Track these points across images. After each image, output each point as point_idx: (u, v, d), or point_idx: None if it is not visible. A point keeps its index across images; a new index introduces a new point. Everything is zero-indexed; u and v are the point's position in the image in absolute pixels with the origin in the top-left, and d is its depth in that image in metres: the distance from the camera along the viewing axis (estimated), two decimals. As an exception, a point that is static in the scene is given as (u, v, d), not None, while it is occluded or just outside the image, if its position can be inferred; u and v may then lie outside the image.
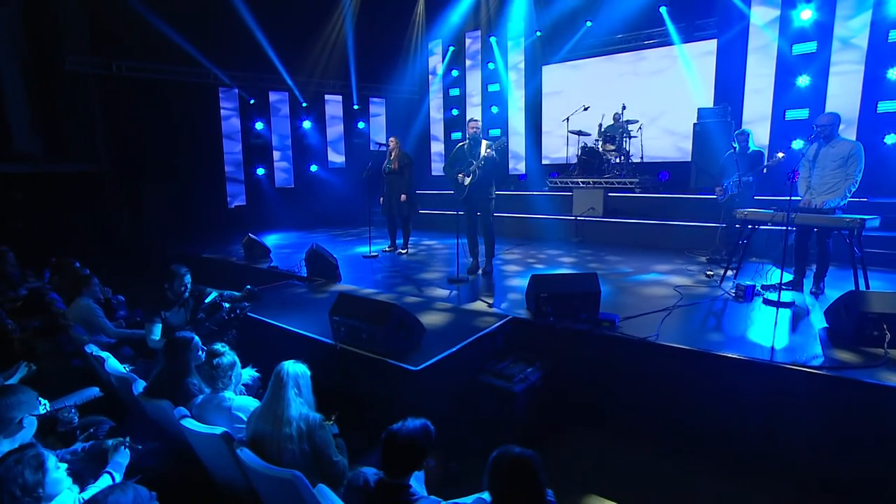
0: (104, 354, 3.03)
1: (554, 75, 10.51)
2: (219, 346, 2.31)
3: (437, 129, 12.24)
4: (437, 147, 12.23)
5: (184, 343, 2.47)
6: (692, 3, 8.40)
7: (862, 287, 3.69)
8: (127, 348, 3.75)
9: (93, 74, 8.60)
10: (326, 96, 11.43)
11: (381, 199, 6.57)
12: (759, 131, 7.63)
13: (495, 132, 11.20)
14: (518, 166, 11.06)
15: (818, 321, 3.43)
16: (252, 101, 10.28)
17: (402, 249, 6.62)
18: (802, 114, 7.49)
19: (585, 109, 8.90)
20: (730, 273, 4.59)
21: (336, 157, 11.79)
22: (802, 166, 4.08)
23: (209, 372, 2.24)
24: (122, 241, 8.75)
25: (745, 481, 2.60)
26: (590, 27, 9.68)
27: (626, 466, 2.77)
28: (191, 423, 2.09)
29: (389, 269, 5.66)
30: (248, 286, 3.67)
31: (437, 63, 11.95)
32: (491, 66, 11.05)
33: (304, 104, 10.94)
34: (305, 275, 5.15)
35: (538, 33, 10.40)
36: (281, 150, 10.96)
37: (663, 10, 8.70)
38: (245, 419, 2.21)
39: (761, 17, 7.68)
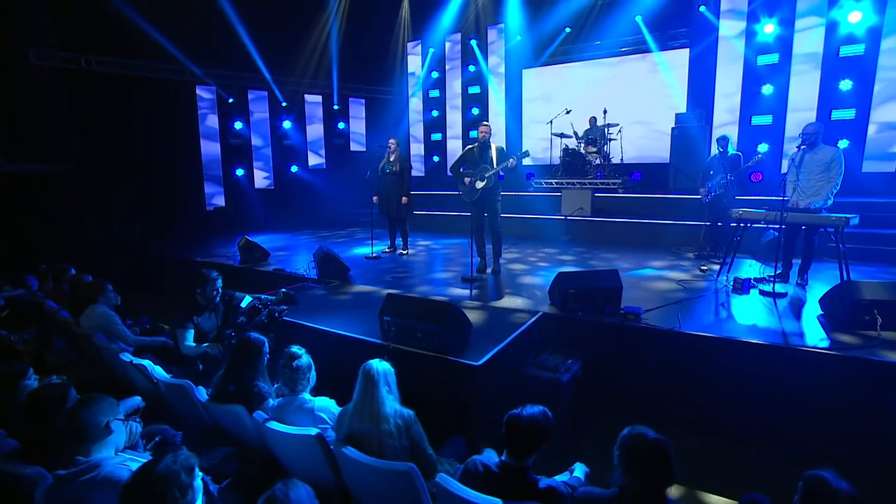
0: (145, 362, 2.96)
1: (534, 79, 10.82)
2: (295, 349, 2.34)
3: (417, 130, 12.30)
4: (417, 148, 12.29)
5: (256, 346, 2.48)
6: (666, 15, 8.89)
7: (846, 278, 4.11)
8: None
9: (60, 69, 8.11)
10: (306, 96, 11.26)
11: (376, 198, 6.58)
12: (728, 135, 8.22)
13: (474, 133, 11.42)
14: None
15: (812, 309, 3.81)
16: (231, 100, 10.00)
17: (403, 250, 6.68)
18: (766, 120, 8.13)
19: (568, 113, 9.27)
20: (716, 266, 5.02)
21: (315, 158, 11.64)
22: (790, 171, 4.49)
23: (290, 374, 2.26)
24: (90, 244, 8.27)
25: (764, 456, 2.89)
26: (569, 33, 10.08)
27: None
28: (277, 426, 2.12)
29: (398, 270, 5.72)
30: (283, 289, 3.65)
31: (417, 65, 12.02)
32: (472, 68, 11.25)
33: (284, 103, 10.75)
34: (315, 277, 5.14)
35: (518, 38, 10.67)
36: (260, 150, 10.71)
37: (639, 18, 9.18)
38: (327, 419, 2.25)
39: (730, 30, 8.25)
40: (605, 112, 8.89)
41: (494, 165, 4.95)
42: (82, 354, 3.81)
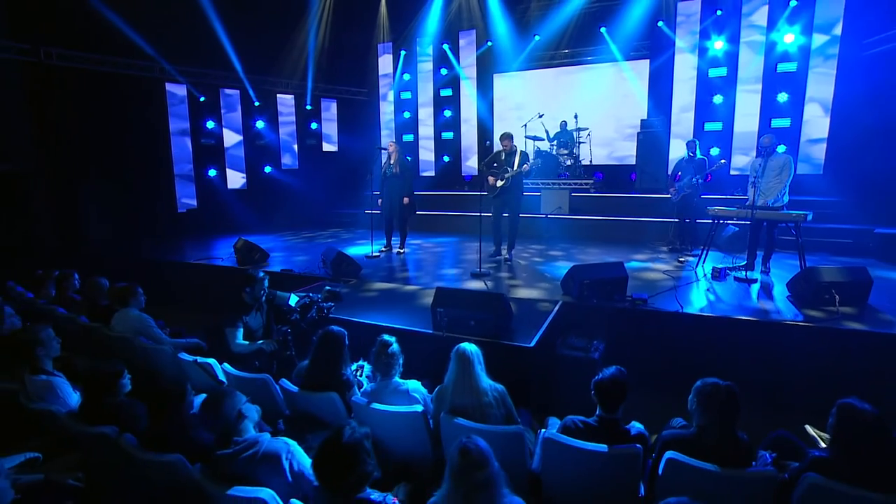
0: (211, 361, 3.07)
1: (505, 84, 11.32)
2: (387, 338, 2.59)
3: (388, 132, 12.43)
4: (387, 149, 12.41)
5: (339, 338, 2.69)
6: (629, 28, 9.65)
7: (802, 267, 4.86)
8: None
9: (15, 61, 7.59)
10: (278, 95, 11.12)
11: (380, 200, 6.78)
12: (679, 140, 9.11)
13: (448, 135, 11.79)
14: (469, 164, 11.66)
15: (781, 291, 4.50)
16: (202, 99, 9.72)
17: (400, 249, 6.91)
18: (717, 126, 9.08)
19: (540, 117, 9.84)
20: (691, 258, 5.71)
21: (288, 159, 11.52)
22: (751, 172, 5.21)
23: (386, 361, 2.51)
24: (47, 248, 7.79)
25: (752, 406, 3.45)
26: (538, 41, 10.64)
27: (668, 412, 3.49)
28: (383, 407, 2.38)
29: (405, 268, 5.97)
30: (328, 287, 3.81)
31: (389, 66, 12.16)
32: (444, 71, 11.58)
33: (257, 103, 10.58)
34: (328, 276, 5.28)
35: (489, 43, 11.13)
36: (233, 151, 10.48)
37: (603, 30, 9.90)
38: (419, 398, 2.53)
39: (685, 44, 9.14)
40: (576, 117, 9.55)
41: (512, 169, 5.35)
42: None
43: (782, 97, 8.48)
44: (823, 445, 2.29)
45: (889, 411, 2.01)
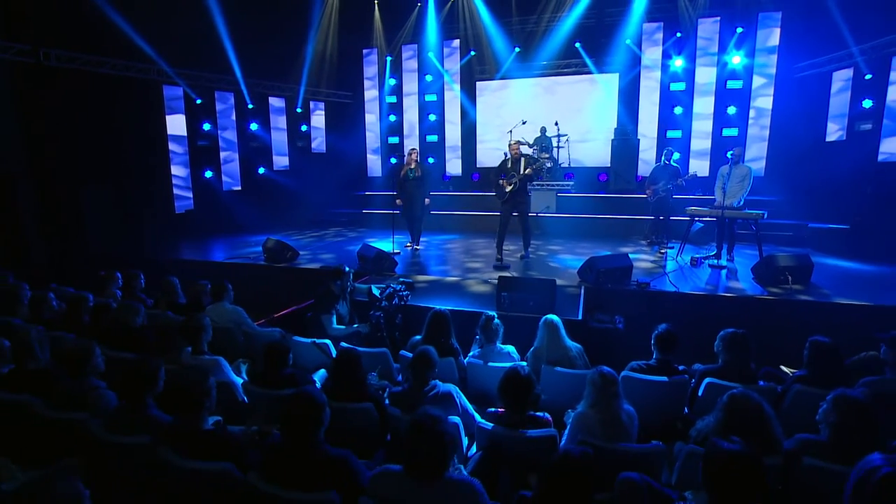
0: (327, 341, 3.73)
1: (488, 92, 12.19)
2: (490, 313, 3.38)
3: (374, 135, 12.96)
4: (374, 151, 12.98)
5: (446, 316, 3.43)
6: (600, 43, 10.80)
7: (760, 255, 6.07)
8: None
9: (14, 62, 7.55)
10: (270, 99, 11.42)
11: (399, 202, 7.41)
12: (646, 146, 10.41)
13: (433, 138, 12.52)
14: (454, 170, 12.45)
15: (746, 274, 5.66)
16: (199, 101, 9.90)
17: (416, 245, 7.63)
18: (677, 133, 10.41)
19: (524, 123, 10.80)
20: (669, 250, 6.88)
21: (280, 160, 11.84)
22: (719, 179, 6.39)
23: (494, 330, 3.30)
24: (34, 253, 7.77)
25: None
26: (518, 52, 11.59)
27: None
28: (496, 364, 3.17)
29: (431, 262, 6.71)
30: (402, 278, 4.50)
31: (374, 71, 12.69)
32: (429, 78, 12.30)
33: (251, 105, 10.84)
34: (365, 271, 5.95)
35: (472, 52, 11.96)
36: (228, 152, 10.71)
37: (578, 45, 10.99)
38: (517, 357, 3.34)
39: (650, 59, 10.39)
40: (556, 124, 10.58)
41: (521, 173, 6.21)
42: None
43: (731, 110, 9.91)
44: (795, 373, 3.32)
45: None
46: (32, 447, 2.45)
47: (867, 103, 7.68)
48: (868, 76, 7.64)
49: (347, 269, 4.28)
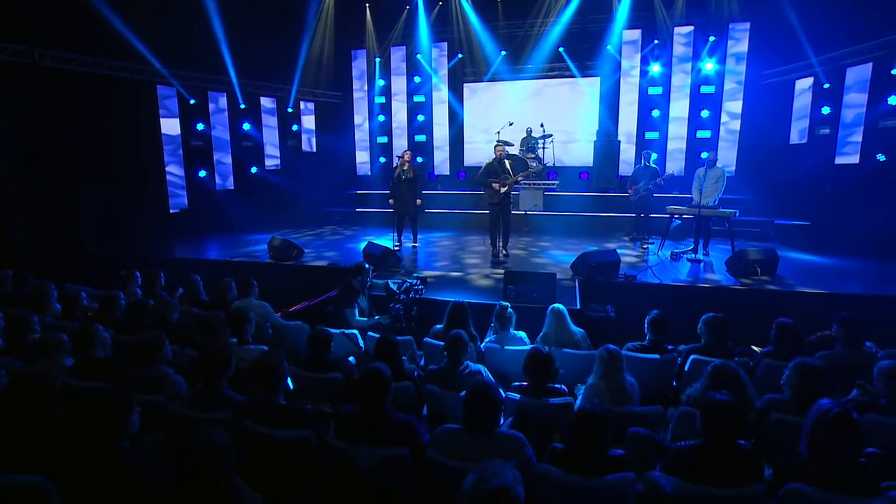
0: (354, 332, 4.10)
1: (475, 93, 12.60)
2: (504, 303, 3.81)
3: (363, 134, 13.23)
4: (363, 150, 13.25)
5: (464, 308, 3.83)
6: (582, 48, 11.34)
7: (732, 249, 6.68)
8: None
9: (5, 62, 7.54)
10: (262, 99, 11.56)
11: (392, 201, 7.77)
12: (626, 146, 11.02)
13: (421, 138, 12.87)
14: (442, 169, 12.85)
15: (721, 267, 6.26)
16: (192, 101, 10.01)
17: (414, 243, 8.01)
18: (655, 135, 11.06)
19: (511, 125, 11.26)
20: (651, 245, 7.46)
21: (271, 160, 12.00)
22: (696, 180, 6.99)
23: (507, 317, 3.73)
24: (26, 254, 7.75)
25: None
26: (505, 56, 12.03)
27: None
28: (511, 347, 3.61)
29: (431, 259, 7.10)
30: (416, 274, 4.88)
31: (363, 71, 12.95)
32: (417, 79, 12.63)
33: (243, 105, 10.97)
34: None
35: (461, 55, 12.35)
36: (222, 152, 10.84)
37: (562, 49, 11.50)
38: (528, 342, 3.79)
39: (629, 64, 10.99)
40: (542, 125, 11.06)
41: (511, 175, 6.64)
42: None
43: (705, 113, 10.60)
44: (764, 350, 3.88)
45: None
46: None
47: (826, 110, 8.43)
48: (826, 85, 8.38)
49: (369, 266, 4.65)
